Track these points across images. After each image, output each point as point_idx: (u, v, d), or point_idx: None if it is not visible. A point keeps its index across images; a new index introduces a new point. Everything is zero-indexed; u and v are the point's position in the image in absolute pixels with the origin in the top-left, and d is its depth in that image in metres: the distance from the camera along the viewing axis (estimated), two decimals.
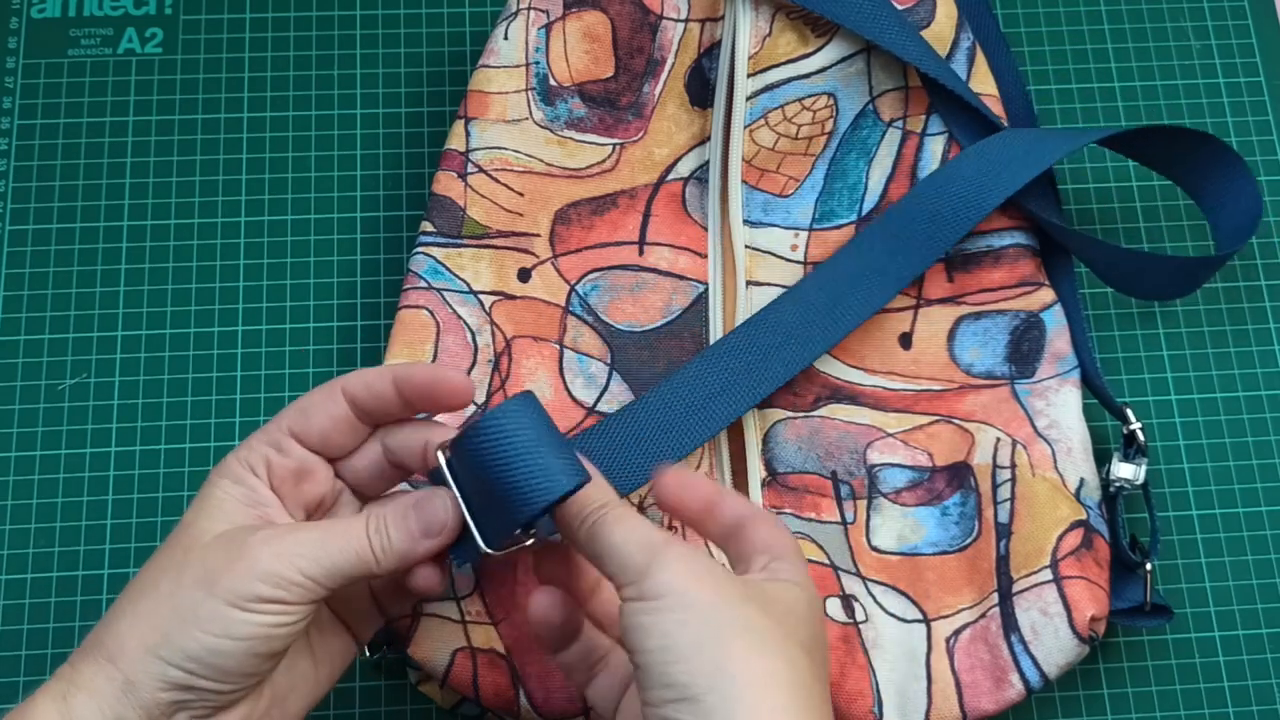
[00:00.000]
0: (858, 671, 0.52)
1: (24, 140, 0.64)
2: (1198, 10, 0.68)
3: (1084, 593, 0.52)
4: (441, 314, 0.56)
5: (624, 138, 0.60)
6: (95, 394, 0.60)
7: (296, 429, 0.46)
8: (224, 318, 0.62)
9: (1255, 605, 0.59)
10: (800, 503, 0.56)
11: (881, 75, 0.59)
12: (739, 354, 0.55)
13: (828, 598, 0.53)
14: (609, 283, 0.59)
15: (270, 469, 0.45)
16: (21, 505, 0.59)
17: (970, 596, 0.54)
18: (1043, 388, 0.57)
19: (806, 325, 0.56)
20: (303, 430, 0.46)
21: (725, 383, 0.54)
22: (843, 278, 0.57)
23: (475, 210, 0.58)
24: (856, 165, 0.60)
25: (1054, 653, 0.52)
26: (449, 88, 0.66)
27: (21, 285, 0.62)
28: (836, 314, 0.56)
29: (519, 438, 0.42)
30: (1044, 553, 0.53)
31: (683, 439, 0.53)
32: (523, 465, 0.42)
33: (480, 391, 0.55)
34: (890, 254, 0.57)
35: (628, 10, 0.59)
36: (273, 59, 0.66)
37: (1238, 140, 0.66)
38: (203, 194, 0.64)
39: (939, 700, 0.52)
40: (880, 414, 0.57)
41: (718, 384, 0.54)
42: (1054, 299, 0.58)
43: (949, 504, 0.56)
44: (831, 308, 0.56)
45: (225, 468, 0.45)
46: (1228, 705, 0.57)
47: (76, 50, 0.66)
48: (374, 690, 0.57)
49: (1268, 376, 0.62)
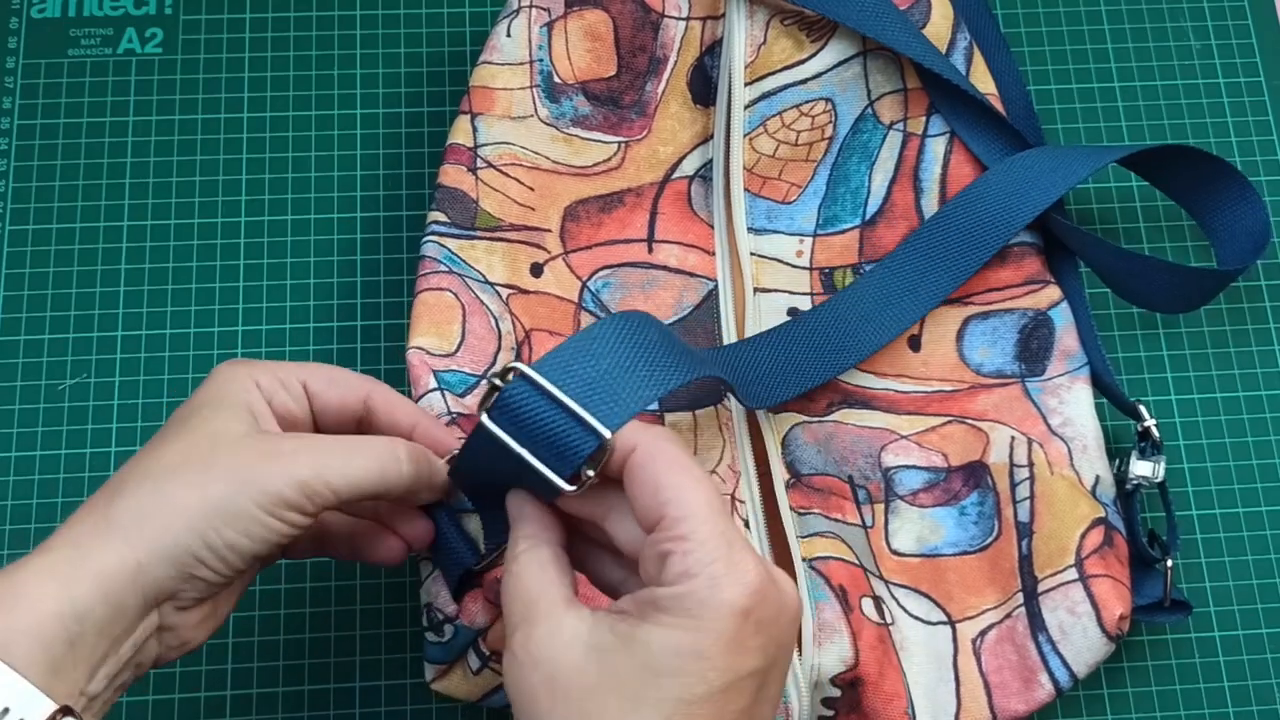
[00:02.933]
0: (893, 672, 0.52)
1: (24, 140, 0.64)
2: (1198, 10, 0.68)
3: (1110, 591, 0.52)
4: (465, 297, 0.55)
5: (628, 136, 0.60)
6: (95, 394, 0.60)
7: (314, 388, 0.46)
8: (224, 318, 0.62)
9: (1255, 605, 0.59)
10: (827, 504, 0.56)
11: (879, 78, 0.60)
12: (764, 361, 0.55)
13: (863, 598, 0.53)
14: (620, 280, 0.59)
15: (272, 399, 0.45)
16: (21, 505, 0.58)
17: (994, 597, 0.54)
18: (1054, 385, 0.57)
19: (837, 340, 0.56)
20: (318, 392, 0.46)
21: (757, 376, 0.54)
22: (875, 297, 0.58)
23: (488, 203, 0.58)
24: (858, 169, 0.60)
25: (1083, 652, 0.52)
26: (449, 87, 0.66)
27: (21, 285, 0.62)
28: (866, 331, 0.57)
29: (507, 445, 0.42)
30: (1068, 551, 0.53)
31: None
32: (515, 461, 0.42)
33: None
34: (921, 274, 0.58)
35: (629, 9, 0.59)
36: (273, 59, 0.66)
37: (1238, 140, 0.66)
38: (203, 194, 0.64)
39: (968, 701, 0.52)
40: (893, 417, 0.57)
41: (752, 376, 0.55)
42: (1061, 296, 0.58)
43: (966, 504, 0.55)
44: (861, 324, 0.57)
45: (237, 375, 0.45)
46: (1228, 705, 0.57)
47: (76, 50, 0.66)
48: (374, 690, 0.57)
49: (1267, 377, 0.62)
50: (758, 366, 0.55)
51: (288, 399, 0.46)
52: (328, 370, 0.47)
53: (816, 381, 0.56)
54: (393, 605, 0.58)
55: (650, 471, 0.40)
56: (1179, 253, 0.64)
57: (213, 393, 0.44)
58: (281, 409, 0.45)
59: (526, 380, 0.41)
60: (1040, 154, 0.59)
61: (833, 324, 0.57)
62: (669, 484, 0.39)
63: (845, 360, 0.57)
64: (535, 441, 0.41)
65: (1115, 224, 0.65)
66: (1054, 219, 0.59)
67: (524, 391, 0.41)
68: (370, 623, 0.58)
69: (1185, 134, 0.66)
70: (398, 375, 0.61)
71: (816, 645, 0.51)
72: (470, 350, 0.55)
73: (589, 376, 0.41)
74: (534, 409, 0.41)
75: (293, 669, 0.57)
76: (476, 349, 0.55)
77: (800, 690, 0.51)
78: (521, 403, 0.41)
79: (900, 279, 0.58)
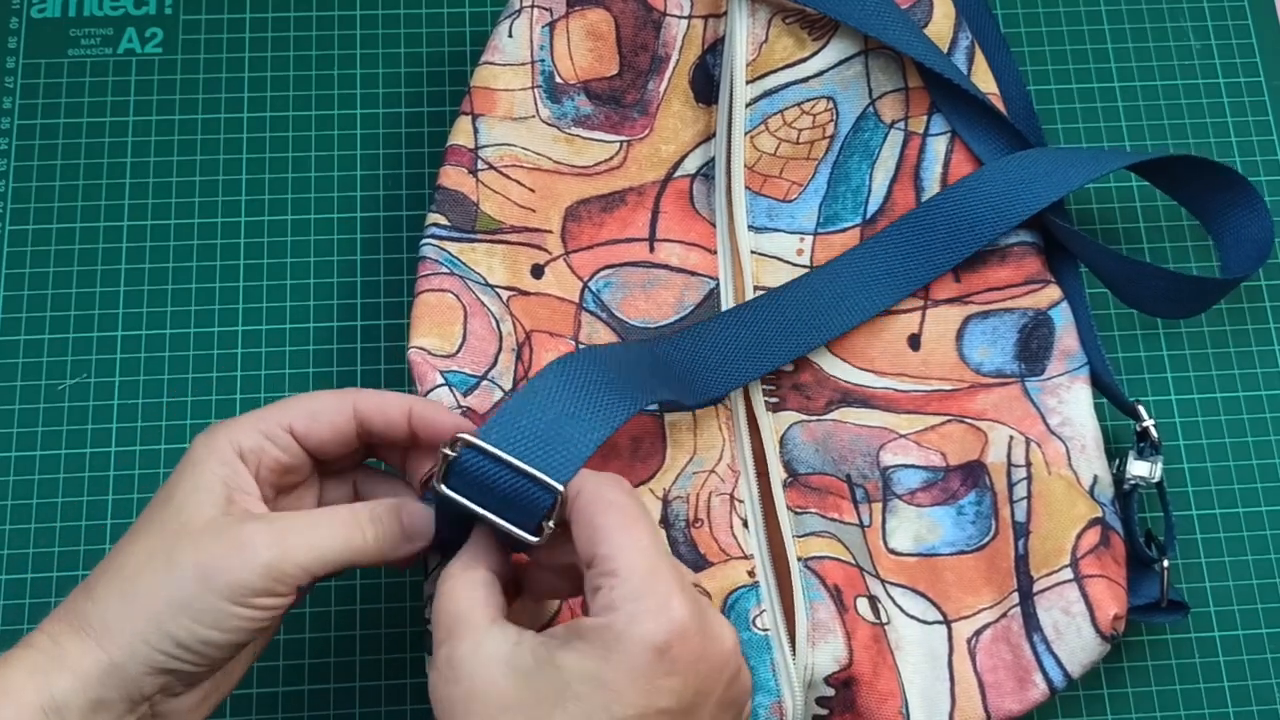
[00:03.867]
0: (888, 672, 0.52)
1: (24, 140, 0.64)
2: (1198, 10, 0.69)
3: (1105, 591, 0.52)
4: (466, 298, 0.55)
5: (630, 135, 0.60)
6: (95, 394, 0.60)
7: (299, 430, 0.46)
8: (224, 318, 0.62)
9: (1255, 605, 0.59)
10: (824, 503, 0.56)
11: (880, 77, 0.60)
12: (737, 332, 0.55)
13: (858, 597, 0.53)
14: (621, 279, 0.59)
15: (261, 459, 0.45)
16: (21, 505, 0.58)
17: (990, 596, 0.54)
18: (1053, 385, 0.57)
19: (808, 315, 0.56)
20: (305, 433, 0.46)
21: (722, 358, 0.55)
22: (851, 276, 0.58)
23: (488, 205, 0.58)
24: (859, 168, 0.60)
25: (1077, 652, 0.52)
26: (449, 87, 0.66)
27: (21, 285, 0.62)
28: (838, 309, 0.57)
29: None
30: (1063, 551, 0.53)
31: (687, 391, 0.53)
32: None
33: (506, 379, 0.55)
34: (904, 258, 0.58)
35: (631, 8, 0.59)
36: (273, 59, 0.66)
37: (1238, 141, 0.66)
38: (203, 194, 0.64)
39: (962, 701, 0.52)
40: (892, 416, 0.57)
41: (714, 358, 0.55)
42: (1061, 296, 0.58)
43: (964, 503, 0.55)
44: (835, 302, 0.57)
45: (214, 445, 0.45)
46: (1228, 705, 0.57)
47: (76, 50, 0.66)
48: (374, 690, 0.57)
49: (1267, 377, 0.62)
50: (726, 345, 0.55)
51: (278, 453, 0.46)
52: (305, 403, 0.46)
53: (783, 360, 0.56)
54: (393, 605, 0.58)
55: (588, 514, 0.41)
56: (1179, 253, 0.64)
57: (186, 473, 0.44)
58: (274, 465, 0.46)
59: (474, 449, 0.43)
60: (1040, 154, 0.59)
61: (805, 300, 0.57)
62: (603, 524, 0.41)
63: (814, 338, 0.57)
64: (495, 502, 0.43)
65: (1115, 224, 0.65)
66: (1053, 221, 0.59)
67: (473, 459, 0.43)
68: (370, 623, 0.57)
69: (1185, 134, 0.66)
70: (398, 375, 0.61)
71: (810, 645, 0.51)
72: (471, 351, 0.55)
73: (536, 431, 0.43)
74: (487, 473, 0.43)
75: (293, 669, 0.57)
76: (477, 350, 0.55)
77: (794, 689, 0.51)
78: (474, 469, 0.43)
79: (880, 262, 0.58)
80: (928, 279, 0.58)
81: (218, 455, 0.44)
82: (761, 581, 0.53)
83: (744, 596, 0.52)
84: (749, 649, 0.51)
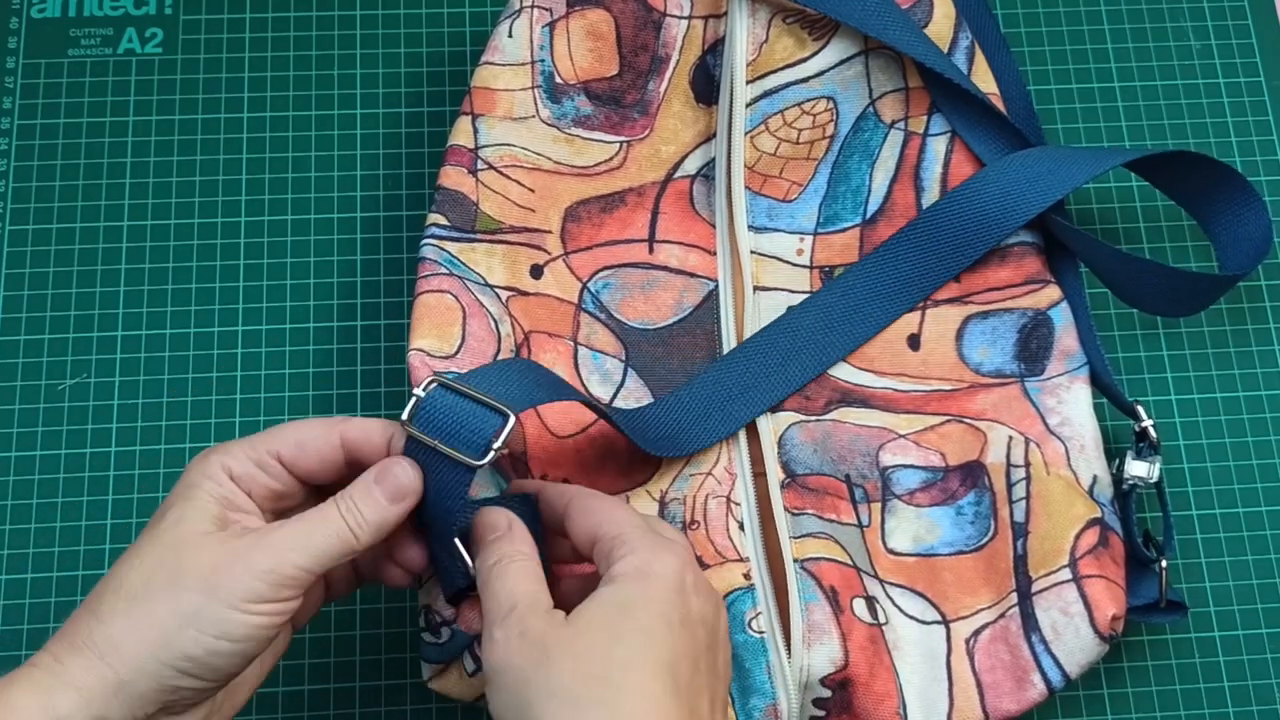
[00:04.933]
0: (884, 673, 0.52)
1: (24, 140, 0.64)
2: (1198, 10, 0.69)
3: (1103, 592, 0.52)
4: (465, 299, 0.56)
5: (630, 135, 0.60)
6: (95, 394, 0.60)
7: (287, 459, 0.47)
8: (224, 318, 0.62)
9: (1255, 605, 0.59)
10: (821, 504, 0.56)
11: (880, 77, 0.60)
12: (758, 358, 0.57)
13: (854, 598, 0.53)
14: (620, 281, 0.59)
15: (252, 484, 0.46)
16: (21, 505, 0.58)
17: (988, 597, 0.54)
18: (1053, 385, 0.57)
19: (825, 331, 0.58)
20: (292, 462, 0.47)
21: (744, 385, 0.56)
22: (862, 287, 0.58)
23: (488, 205, 0.58)
24: (859, 168, 0.60)
25: (1075, 652, 0.52)
26: (449, 87, 0.66)
27: (21, 285, 0.62)
28: (854, 322, 0.58)
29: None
30: (1062, 552, 0.53)
31: (697, 439, 0.56)
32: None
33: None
34: (913, 265, 0.58)
35: (631, 8, 0.59)
36: (273, 59, 0.66)
37: (1238, 141, 0.66)
38: (203, 194, 0.64)
39: (960, 701, 0.52)
40: (891, 415, 0.57)
41: (736, 387, 0.56)
42: (1061, 296, 0.58)
43: (963, 503, 0.55)
44: (850, 315, 0.58)
45: (208, 467, 0.46)
46: (1228, 705, 0.57)
47: (76, 50, 0.66)
48: (374, 690, 0.57)
49: (1267, 377, 0.62)
50: (743, 375, 0.57)
51: (269, 480, 0.46)
52: (293, 433, 0.47)
53: (802, 382, 0.57)
54: (393, 605, 0.58)
55: (580, 507, 0.47)
56: (1179, 253, 0.64)
57: (180, 493, 0.45)
58: (265, 492, 0.46)
59: (443, 386, 0.47)
60: (1041, 154, 0.59)
61: (820, 318, 0.58)
62: (597, 509, 0.47)
63: (831, 356, 0.58)
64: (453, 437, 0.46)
65: (1115, 224, 0.65)
66: (1054, 220, 0.59)
67: (440, 395, 0.47)
68: (370, 623, 0.58)
69: (1185, 134, 0.66)
70: (398, 375, 0.61)
71: (806, 646, 0.51)
72: (470, 352, 0.55)
73: (496, 379, 0.48)
74: (449, 407, 0.47)
75: (293, 669, 0.57)
76: (477, 351, 0.55)
77: (789, 691, 0.51)
78: (439, 404, 0.47)
79: (891, 272, 0.58)
80: (938, 284, 0.58)
81: (213, 478, 0.45)
82: (757, 584, 0.53)
83: (740, 599, 0.52)
84: (745, 652, 0.51)
